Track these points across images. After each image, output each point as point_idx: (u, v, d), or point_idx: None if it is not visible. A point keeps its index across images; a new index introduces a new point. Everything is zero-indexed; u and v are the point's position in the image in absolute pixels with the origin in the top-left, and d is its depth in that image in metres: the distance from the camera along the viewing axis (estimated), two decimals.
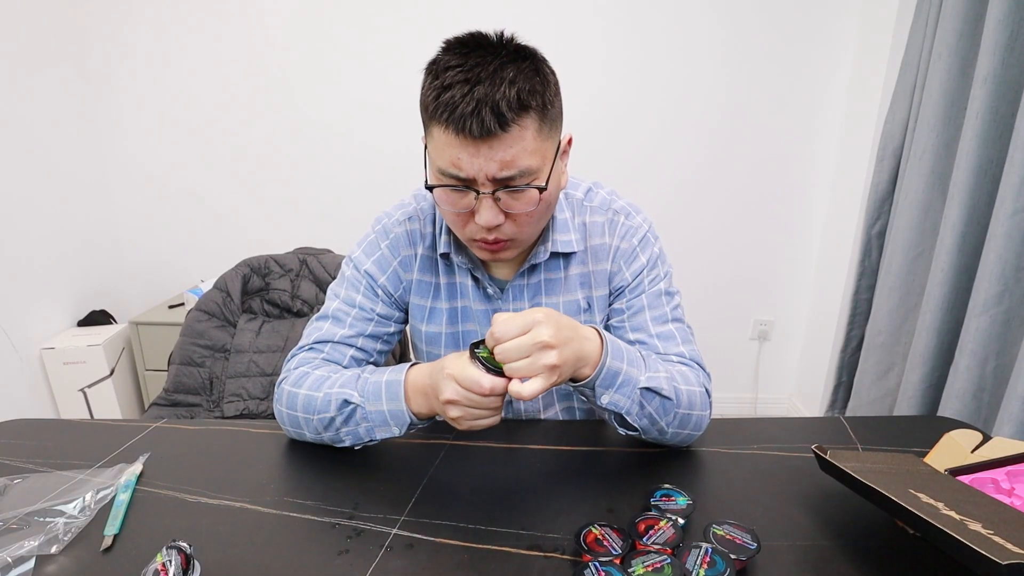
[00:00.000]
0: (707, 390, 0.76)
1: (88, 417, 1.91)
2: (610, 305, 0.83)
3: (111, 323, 2.10)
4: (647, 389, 0.68)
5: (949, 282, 1.42)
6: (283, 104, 2.09)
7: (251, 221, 2.22)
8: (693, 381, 0.74)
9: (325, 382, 0.73)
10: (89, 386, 1.92)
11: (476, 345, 0.63)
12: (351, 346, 0.80)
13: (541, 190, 0.66)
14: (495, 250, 0.71)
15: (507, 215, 0.67)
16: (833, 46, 1.98)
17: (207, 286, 1.86)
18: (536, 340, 0.58)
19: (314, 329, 0.82)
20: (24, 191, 1.83)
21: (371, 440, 0.73)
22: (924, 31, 1.53)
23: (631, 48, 2.02)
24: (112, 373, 1.96)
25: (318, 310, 0.85)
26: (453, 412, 0.62)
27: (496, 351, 0.60)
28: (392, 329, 0.84)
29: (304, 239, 2.08)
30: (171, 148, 2.14)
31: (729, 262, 2.24)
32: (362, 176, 2.15)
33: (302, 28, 2.01)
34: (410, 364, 0.71)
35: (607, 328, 0.83)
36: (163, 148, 2.14)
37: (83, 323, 2.05)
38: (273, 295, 1.76)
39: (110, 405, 1.98)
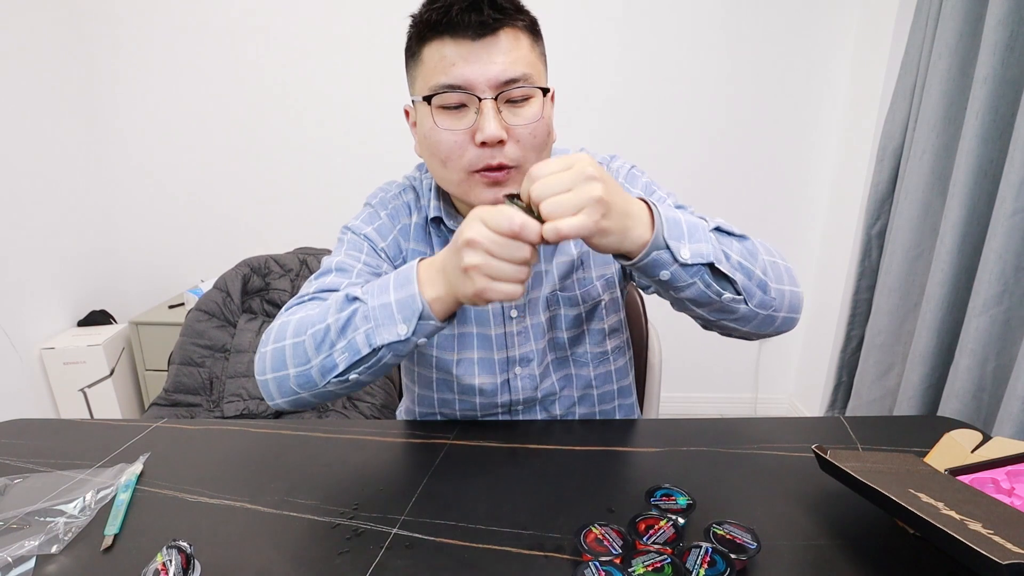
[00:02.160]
0: (781, 257, 0.68)
1: (88, 417, 1.91)
2: None
3: (111, 323, 2.10)
4: (718, 230, 0.60)
5: (949, 282, 1.42)
6: (283, 104, 2.09)
7: (251, 221, 2.22)
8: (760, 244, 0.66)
9: (322, 303, 0.66)
10: (89, 386, 1.92)
11: (512, 197, 0.54)
12: None
13: (544, 91, 0.65)
14: (498, 179, 0.66)
15: (508, 133, 0.64)
16: (833, 46, 1.98)
17: (207, 286, 1.86)
18: (581, 172, 0.51)
19: (314, 284, 0.72)
20: (24, 191, 1.83)
21: (371, 355, 0.61)
22: (924, 31, 1.53)
23: (631, 49, 2.02)
24: (112, 373, 1.96)
25: None
26: (472, 258, 0.52)
27: (533, 189, 0.52)
28: None
29: (304, 239, 2.09)
30: (171, 148, 2.14)
31: None
32: (362, 176, 2.15)
33: (302, 28, 2.01)
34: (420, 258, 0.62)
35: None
36: (163, 148, 2.14)
37: (83, 323, 2.05)
38: (273, 295, 1.76)
39: (110, 405, 1.98)
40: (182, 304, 2.09)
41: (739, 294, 0.61)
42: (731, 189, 2.15)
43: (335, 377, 0.63)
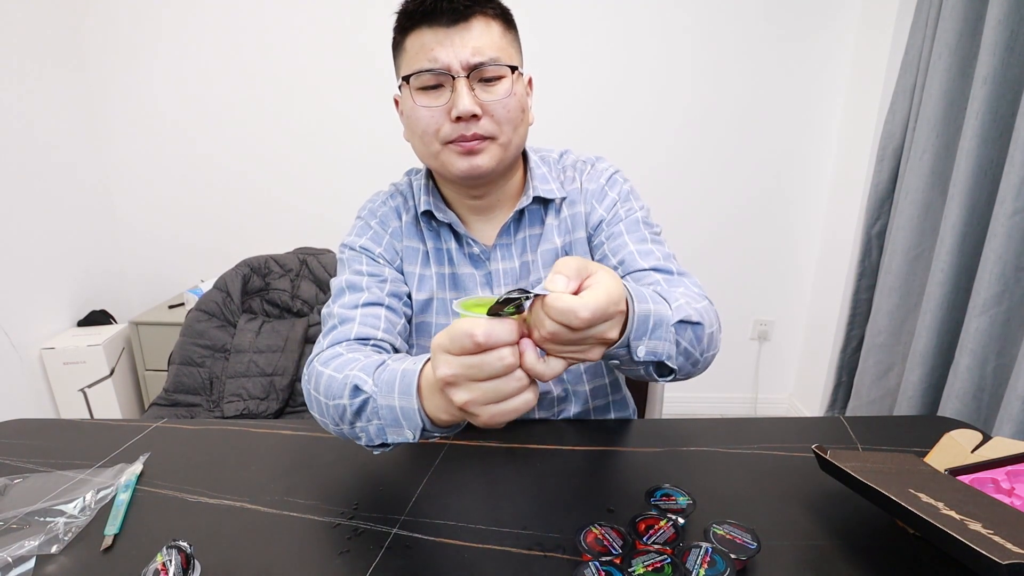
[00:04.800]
0: (709, 300, 0.72)
1: (88, 417, 1.91)
2: (591, 243, 0.84)
3: (111, 323, 2.10)
4: (680, 322, 0.61)
5: (949, 282, 1.42)
6: (283, 104, 2.09)
7: (251, 221, 2.22)
8: (696, 294, 0.71)
9: (353, 363, 0.64)
10: (89, 386, 1.92)
11: (506, 303, 0.44)
12: (379, 304, 0.76)
13: (513, 69, 0.71)
14: (474, 149, 0.71)
15: (482, 109, 0.70)
16: (833, 46, 1.98)
17: (207, 286, 1.86)
18: (603, 337, 0.48)
19: (336, 307, 0.75)
20: (24, 191, 1.83)
21: (385, 445, 0.62)
22: (924, 31, 1.53)
23: (632, 49, 2.02)
24: (112, 373, 1.96)
25: (318, 310, 0.85)
26: (460, 396, 0.46)
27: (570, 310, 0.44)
28: (408, 289, 0.83)
29: (304, 239, 2.08)
30: (171, 148, 2.14)
31: (729, 262, 2.24)
32: (362, 176, 2.15)
33: (302, 29, 2.01)
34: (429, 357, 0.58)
35: None
36: (163, 148, 2.14)
37: (83, 323, 2.05)
38: (273, 295, 1.76)
39: (110, 405, 1.97)
40: (182, 304, 2.09)
41: (672, 373, 0.63)
42: (732, 189, 2.15)
43: (362, 444, 0.64)
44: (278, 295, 1.76)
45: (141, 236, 2.24)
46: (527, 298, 0.44)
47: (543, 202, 0.83)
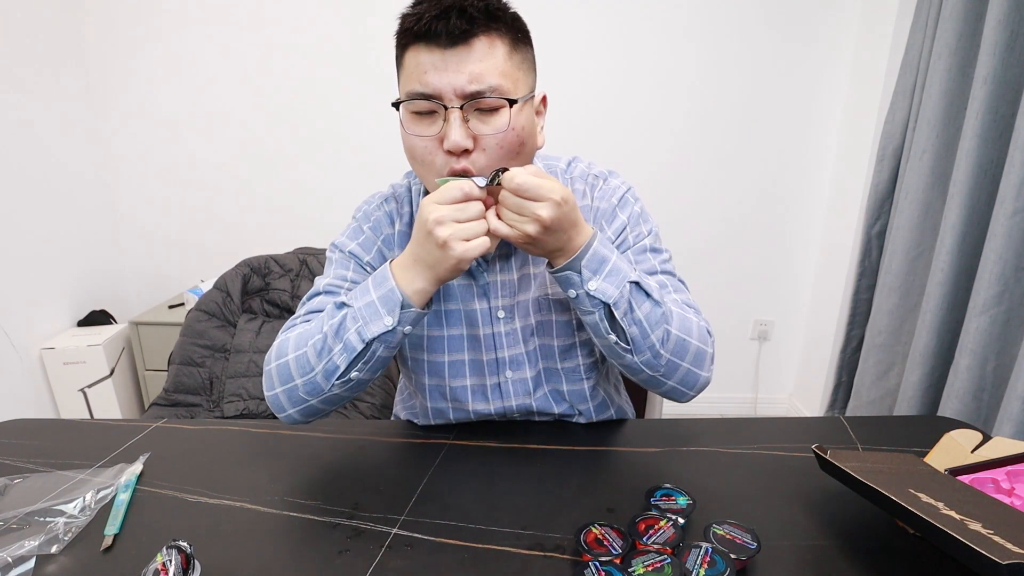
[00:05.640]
0: (708, 330, 0.73)
1: (88, 417, 1.91)
2: None
3: (111, 323, 2.10)
4: (637, 285, 0.66)
5: (949, 282, 1.42)
6: (283, 104, 2.09)
7: (251, 221, 2.22)
8: (691, 314, 0.72)
9: (321, 313, 0.71)
10: (89, 386, 1.92)
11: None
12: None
13: (511, 102, 0.64)
14: None
15: (476, 142, 0.65)
16: (833, 46, 1.98)
17: (207, 286, 1.86)
18: (536, 214, 0.60)
19: (306, 306, 0.77)
20: (24, 191, 1.83)
21: (364, 352, 0.66)
22: (924, 31, 1.53)
23: (632, 49, 2.02)
24: (112, 373, 1.96)
25: None
26: (443, 231, 0.59)
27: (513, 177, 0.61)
28: None
29: (304, 239, 2.08)
30: (171, 148, 2.14)
31: (729, 262, 2.24)
32: (362, 176, 2.15)
33: (302, 29, 2.01)
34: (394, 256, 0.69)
35: None
36: (163, 148, 2.14)
37: (83, 323, 2.05)
38: (273, 295, 1.76)
39: (110, 405, 1.98)
40: (182, 304, 2.09)
41: (627, 344, 0.67)
42: (732, 189, 2.15)
43: (338, 379, 0.67)
44: (278, 295, 1.76)
45: (141, 236, 2.24)
46: (498, 172, 0.62)
47: None
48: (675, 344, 0.68)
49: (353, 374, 0.67)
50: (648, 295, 0.67)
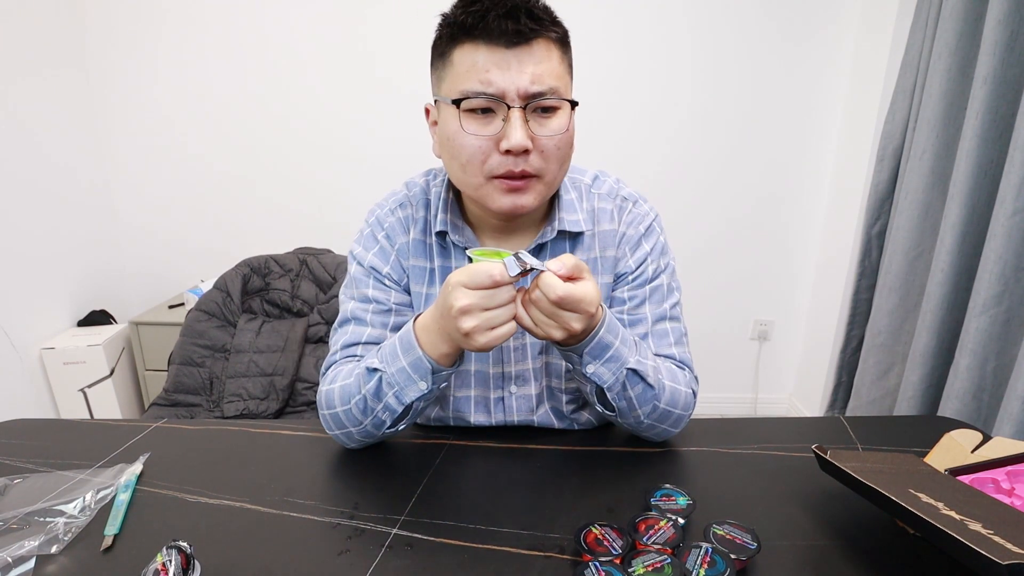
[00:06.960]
0: (693, 392, 0.76)
1: (88, 417, 1.91)
2: (612, 292, 0.81)
3: (111, 323, 2.10)
4: (633, 371, 0.67)
5: (949, 282, 1.42)
6: (283, 104, 2.09)
7: (251, 221, 2.22)
8: (681, 380, 0.74)
9: (355, 369, 0.72)
10: (89, 386, 1.92)
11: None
12: (380, 343, 0.76)
13: (573, 105, 0.66)
14: (519, 187, 0.67)
15: (533, 143, 0.65)
16: (833, 47, 1.98)
17: (207, 286, 1.86)
18: (568, 325, 0.60)
19: (339, 336, 0.79)
20: (24, 191, 1.83)
21: (407, 410, 0.69)
22: (924, 31, 1.53)
23: (632, 49, 2.02)
24: (112, 373, 1.96)
25: (318, 310, 0.84)
26: (469, 322, 0.58)
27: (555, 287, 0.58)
28: (413, 313, 0.81)
29: (304, 239, 2.08)
30: (171, 148, 2.14)
31: (729, 262, 2.24)
32: (362, 176, 2.15)
33: (302, 30, 2.01)
34: (418, 313, 0.69)
35: None
36: (163, 148, 2.14)
37: (83, 323, 2.05)
38: (273, 295, 1.76)
39: (110, 405, 1.97)
40: (182, 304, 2.09)
41: (613, 412, 0.72)
42: (732, 190, 2.15)
43: (388, 428, 0.72)
44: (278, 295, 1.76)
45: (141, 236, 2.24)
46: (531, 269, 0.59)
47: (568, 234, 0.78)
48: (660, 415, 0.72)
49: (401, 426, 0.72)
50: (643, 379, 0.68)
